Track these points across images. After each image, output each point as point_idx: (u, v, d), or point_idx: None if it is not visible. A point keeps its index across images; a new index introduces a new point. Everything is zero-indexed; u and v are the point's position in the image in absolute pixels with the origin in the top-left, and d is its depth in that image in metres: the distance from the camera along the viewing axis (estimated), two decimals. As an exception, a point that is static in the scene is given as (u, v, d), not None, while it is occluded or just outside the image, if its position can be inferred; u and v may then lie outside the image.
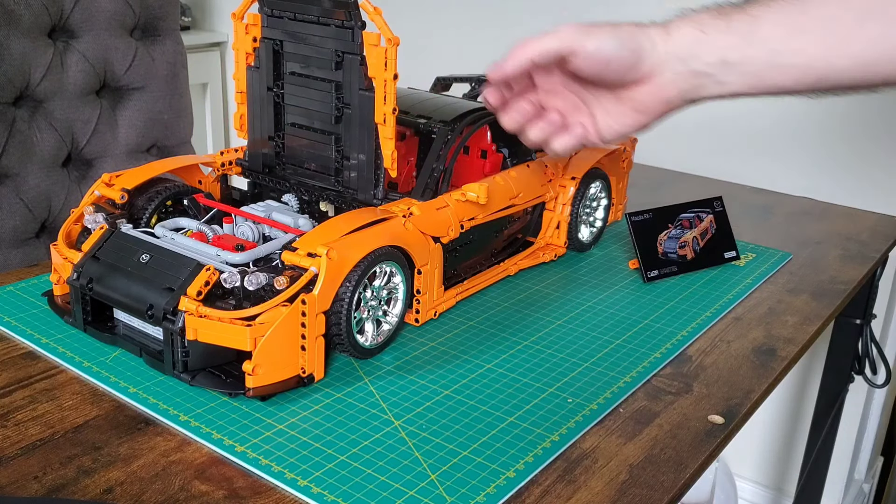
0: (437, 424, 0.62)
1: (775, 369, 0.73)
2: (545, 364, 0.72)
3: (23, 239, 1.16)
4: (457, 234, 0.77)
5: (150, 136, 1.31)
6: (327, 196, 0.80)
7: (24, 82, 1.13)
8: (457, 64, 1.71)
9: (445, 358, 0.72)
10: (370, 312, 0.70)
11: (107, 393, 0.65)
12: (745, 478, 1.71)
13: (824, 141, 1.45)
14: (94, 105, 1.23)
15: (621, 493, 0.56)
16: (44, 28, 1.15)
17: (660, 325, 0.80)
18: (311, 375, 0.65)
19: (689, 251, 0.93)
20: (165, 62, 1.31)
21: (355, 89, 0.75)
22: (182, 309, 0.63)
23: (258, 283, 0.64)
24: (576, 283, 0.89)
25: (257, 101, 0.83)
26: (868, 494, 1.74)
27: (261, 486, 0.55)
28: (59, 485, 0.54)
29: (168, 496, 0.54)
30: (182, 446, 0.59)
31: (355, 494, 0.54)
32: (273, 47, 0.79)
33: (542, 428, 0.62)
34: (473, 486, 0.56)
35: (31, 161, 1.15)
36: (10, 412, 0.62)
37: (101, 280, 0.68)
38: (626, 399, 0.67)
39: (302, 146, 0.81)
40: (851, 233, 1.11)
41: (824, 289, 0.92)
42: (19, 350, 0.70)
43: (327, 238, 0.67)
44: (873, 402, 1.62)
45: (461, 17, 1.83)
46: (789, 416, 1.65)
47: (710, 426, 0.64)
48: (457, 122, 0.82)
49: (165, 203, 0.80)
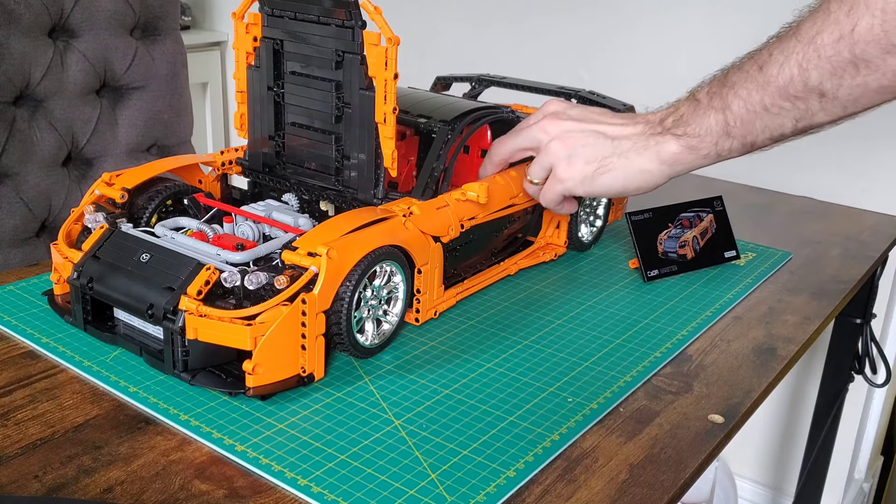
0: (437, 424, 0.62)
1: (775, 369, 0.74)
2: (545, 363, 0.72)
3: (23, 238, 1.16)
4: (457, 233, 0.77)
5: (150, 136, 1.31)
6: (327, 195, 0.81)
7: (25, 82, 1.13)
8: (457, 63, 1.71)
9: (445, 357, 0.72)
10: (370, 312, 0.70)
11: (107, 392, 0.65)
12: (745, 477, 1.71)
13: (824, 140, 1.44)
14: (94, 104, 1.23)
15: (621, 492, 0.56)
16: (44, 27, 1.15)
17: (660, 325, 0.80)
18: (311, 375, 0.65)
19: (689, 251, 0.93)
20: (165, 61, 1.31)
21: (355, 89, 0.75)
22: (182, 308, 0.63)
23: (258, 282, 0.64)
24: (576, 282, 0.89)
25: (257, 100, 0.83)
26: (868, 494, 1.74)
27: (261, 485, 0.55)
28: (60, 484, 0.54)
29: (168, 495, 0.54)
30: (182, 445, 0.59)
31: (355, 494, 0.54)
32: (273, 47, 0.79)
33: (542, 427, 0.62)
34: (474, 485, 0.56)
35: (32, 160, 1.15)
36: (10, 411, 0.62)
37: (101, 279, 0.68)
38: (626, 398, 0.67)
39: (302, 145, 0.81)
40: (851, 232, 1.11)
41: (824, 288, 0.92)
42: (19, 349, 0.70)
43: (327, 237, 0.67)
44: (873, 401, 1.62)
45: (462, 16, 1.83)
46: (789, 415, 1.65)
47: (710, 425, 0.64)
48: (457, 122, 0.82)
49: (166, 202, 0.80)
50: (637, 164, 0.75)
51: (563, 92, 1.02)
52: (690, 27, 1.56)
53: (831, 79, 0.63)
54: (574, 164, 0.77)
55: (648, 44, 1.61)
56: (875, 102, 0.64)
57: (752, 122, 0.69)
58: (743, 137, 0.70)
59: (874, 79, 0.62)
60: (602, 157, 0.76)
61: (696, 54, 1.56)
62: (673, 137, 0.73)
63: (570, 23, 1.69)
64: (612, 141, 0.76)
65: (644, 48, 1.62)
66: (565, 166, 0.77)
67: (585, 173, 0.77)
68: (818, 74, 0.63)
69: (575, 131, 0.77)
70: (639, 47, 1.62)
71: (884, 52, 0.60)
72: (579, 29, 1.68)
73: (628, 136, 0.76)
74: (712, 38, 1.53)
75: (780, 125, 0.68)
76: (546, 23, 1.72)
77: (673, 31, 1.58)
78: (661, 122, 0.75)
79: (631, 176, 0.76)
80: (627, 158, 0.75)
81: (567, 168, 0.77)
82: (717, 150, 0.72)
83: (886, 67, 0.61)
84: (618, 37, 1.64)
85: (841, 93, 0.63)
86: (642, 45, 1.62)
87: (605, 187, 0.77)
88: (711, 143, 0.72)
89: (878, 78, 0.62)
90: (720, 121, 0.70)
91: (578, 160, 0.77)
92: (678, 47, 1.58)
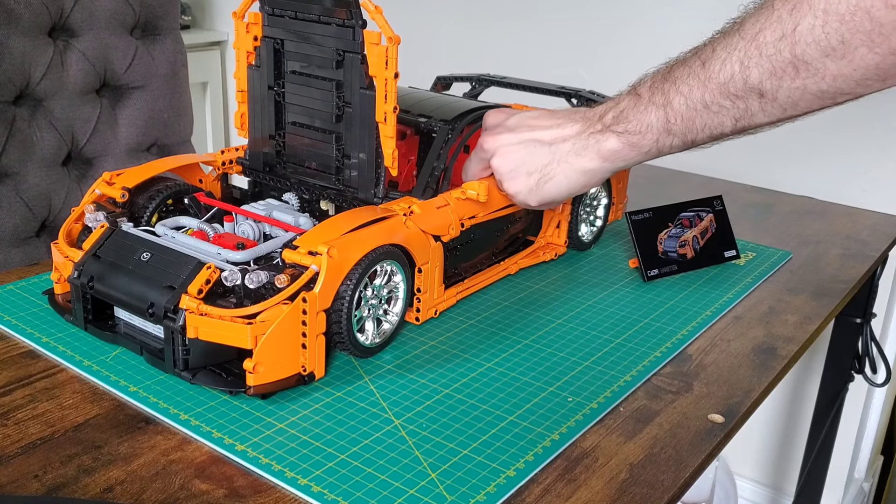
0: (437, 423, 0.62)
1: (775, 368, 0.74)
2: (545, 363, 0.72)
3: (23, 238, 1.16)
4: (457, 232, 0.77)
5: (150, 135, 1.31)
6: (328, 195, 0.81)
7: (25, 81, 1.13)
8: (458, 63, 1.71)
9: (446, 357, 0.72)
10: (371, 311, 0.70)
11: (107, 392, 0.65)
12: (745, 476, 1.71)
13: (824, 139, 1.45)
14: (94, 104, 1.23)
15: (621, 491, 0.56)
16: (44, 27, 1.15)
17: (660, 324, 0.80)
18: (311, 374, 0.65)
19: (689, 250, 0.93)
20: (166, 61, 1.31)
21: (356, 88, 0.75)
22: (183, 307, 0.63)
23: (259, 281, 0.64)
24: (576, 282, 0.89)
25: (258, 99, 0.83)
26: (868, 493, 1.74)
27: (261, 484, 0.55)
28: (60, 483, 0.54)
29: (168, 495, 0.54)
30: (182, 445, 0.59)
31: (355, 493, 0.54)
32: (274, 46, 0.79)
33: (542, 427, 0.62)
34: (474, 484, 0.56)
35: (32, 160, 1.15)
36: (10, 411, 0.62)
37: (101, 278, 0.68)
38: (626, 398, 0.67)
39: (303, 145, 0.81)
40: (851, 231, 1.11)
41: (824, 288, 0.92)
42: (20, 349, 0.70)
43: (328, 236, 0.67)
44: (873, 400, 1.62)
45: (462, 16, 1.83)
46: (789, 414, 1.65)
47: (710, 425, 0.64)
48: (457, 121, 0.82)
49: (166, 202, 0.80)
50: (577, 165, 0.75)
51: (564, 92, 1.02)
52: (690, 27, 1.56)
53: (771, 79, 0.61)
54: (517, 178, 0.77)
55: (648, 43, 1.61)
56: (814, 107, 0.63)
57: (693, 119, 0.68)
58: (683, 135, 0.69)
59: (813, 82, 0.60)
60: (542, 165, 0.76)
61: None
62: (613, 134, 0.72)
63: (571, 22, 1.69)
64: (550, 146, 0.76)
65: (644, 48, 1.62)
66: (509, 182, 0.77)
67: (529, 186, 0.77)
68: (758, 73, 0.62)
69: (511, 144, 0.77)
70: (639, 47, 1.62)
71: (823, 55, 0.58)
72: (580, 28, 1.68)
73: (566, 137, 0.75)
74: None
75: (720, 124, 0.67)
76: (546, 22, 1.72)
77: (673, 31, 1.58)
78: (601, 118, 0.74)
79: (573, 178, 0.75)
80: (567, 162, 0.75)
81: (511, 183, 0.77)
82: (657, 147, 0.71)
83: (826, 71, 0.59)
84: (618, 36, 1.64)
85: (780, 94, 0.62)
86: (642, 44, 1.62)
87: (552, 195, 0.77)
88: (652, 141, 0.71)
89: (818, 82, 0.60)
90: (661, 118, 0.69)
91: (520, 174, 0.76)
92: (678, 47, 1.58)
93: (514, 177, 0.77)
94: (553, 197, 0.77)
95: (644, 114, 0.70)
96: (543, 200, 0.78)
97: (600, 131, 0.73)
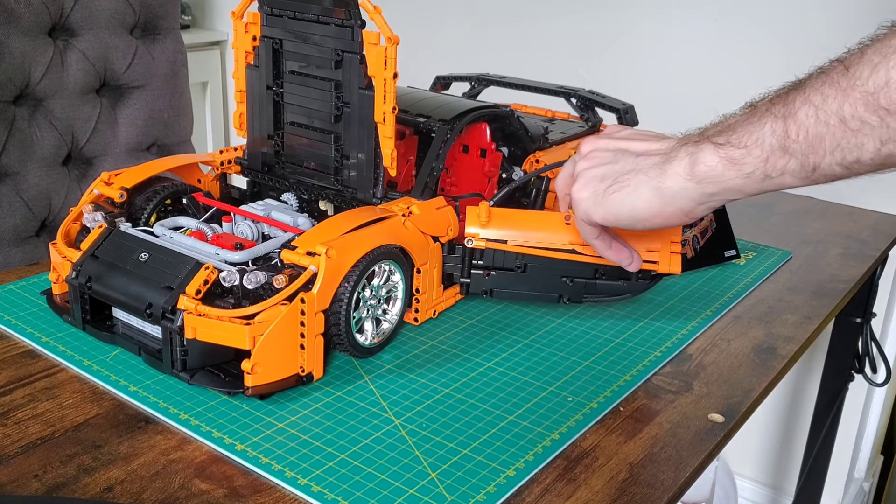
0: (436, 423, 0.62)
1: (775, 368, 0.73)
2: (545, 363, 0.72)
3: (23, 237, 1.16)
4: (456, 233, 0.77)
5: (149, 135, 1.31)
6: (327, 195, 0.80)
7: (25, 81, 1.13)
8: (457, 63, 1.71)
9: (445, 357, 0.72)
10: (369, 311, 0.70)
11: (107, 391, 0.65)
12: (745, 476, 1.71)
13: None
14: (94, 104, 1.23)
15: (621, 491, 0.56)
16: (44, 27, 1.15)
17: (660, 324, 0.80)
18: (310, 374, 0.65)
19: (689, 250, 0.93)
20: (165, 61, 1.31)
21: (355, 88, 0.75)
22: (181, 307, 0.63)
23: (257, 281, 0.64)
24: (576, 281, 0.88)
25: (257, 99, 0.83)
26: (868, 493, 1.74)
27: (261, 484, 0.55)
28: (60, 483, 0.54)
29: (168, 494, 0.54)
30: (182, 445, 0.59)
31: (355, 493, 0.54)
32: (273, 46, 0.79)
33: (542, 426, 0.62)
34: (474, 484, 0.56)
35: (32, 160, 1.15)
36: (10, 411, 0.62)
37: (99, 279, 0.68)
38: (626, 397, 0.67)
39: (301, 145, 0.81)
40: (852, 231, 1.10)
41: (824, 287, 0.92)
42: (19, 348, 0.70)
43: (326, 237, 0.67)
44: (873, 400, 1.62)
45: (461, 15, 1.83)
46: (789, 414, 1.65)
47: (710, 425, 0.64)
48: (456, 121, 0.82)
49: (164, 202, 0.80)
50: (656, 181, 0.61)
51: (563, 91, 1.02)
52: (690, 27, 1.56)
53: None
54: (588, 183, 0.65)
55: (648, 43, 1.61)
56: None
57: (822, 137, 0.52)
58: (804, 157, 0.53)
59: None
60: (619, 173, 0.64)
61: (696, 55, 1.56)
62: (711, 145, 0.58)
63: (570, 22, 1.69)
64: (636, 157, 0.64)
65: (644, 48, 1.62)
66: (579, 187, 0.65)
67: (597, 192, 0.64)
68: None
69: (601, 149, 0.67)
70: (639, 47, 1.62)
71: None
72: (579, 28, 1.68)
73: (656, 151, 0.63)
74: (712, 39, 1.53)
75: (858, 146, 0.51)
76: (546, 22, 1.72)
77: (673, 31, 1.58)
78: (703, 131, 0.61)
79: (645, 196, 0.61)
80: (646, 174, 0.61)
81: (581, 188, 0.65)
82: (765, 169, 0.55)
83: None
84: (618, 36, 1.64)
85: None
86: (642, 44, 1.62)
87: (615, 208, 0.63)
88: (760, 159, 0.55)
89: None
90: (778, 130, 0.54)
91: (593, 178, 0.65)
92: (678, 47, 1.58)
93: (586, 181, 0.65)
94: (617, 212, 0.63)
95: (756, 124, 0.56)
96: (606, 214, 0.64)
97: (696, 142, 0.60)
